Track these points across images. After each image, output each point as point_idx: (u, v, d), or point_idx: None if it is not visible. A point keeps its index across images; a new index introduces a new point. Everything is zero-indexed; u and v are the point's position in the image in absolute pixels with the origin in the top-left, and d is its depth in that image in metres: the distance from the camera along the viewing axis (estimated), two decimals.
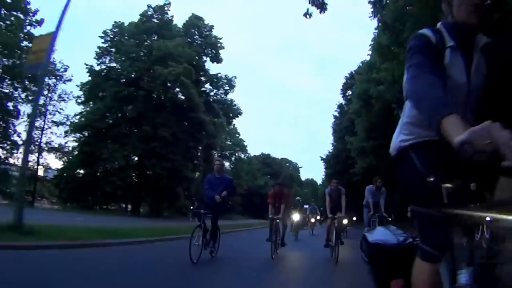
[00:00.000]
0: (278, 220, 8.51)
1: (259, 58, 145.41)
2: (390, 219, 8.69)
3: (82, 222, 11.14)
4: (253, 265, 6.77)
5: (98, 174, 27.57)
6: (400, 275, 1.93)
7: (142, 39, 30.88)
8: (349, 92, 40.23)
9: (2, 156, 27.10)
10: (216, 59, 32.67)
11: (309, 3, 11.28)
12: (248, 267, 6.50)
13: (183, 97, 27.47)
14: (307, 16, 11.58)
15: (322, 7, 11.54)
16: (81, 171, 30.00)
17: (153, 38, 30.80)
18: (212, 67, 33.98)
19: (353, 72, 38.71)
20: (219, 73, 34.30)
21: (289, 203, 10.36)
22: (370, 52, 27.04)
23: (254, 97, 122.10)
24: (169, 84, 27.27)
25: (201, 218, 6.54)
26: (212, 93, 34.29)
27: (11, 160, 27.57)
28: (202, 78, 32.87)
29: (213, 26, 33.20)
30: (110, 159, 26.82)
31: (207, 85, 34.14)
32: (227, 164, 49.60)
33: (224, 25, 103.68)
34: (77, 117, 29.39)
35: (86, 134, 28.29)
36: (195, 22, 33.07)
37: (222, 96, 34.96)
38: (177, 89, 27.72)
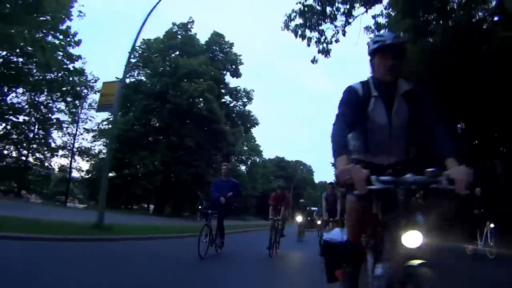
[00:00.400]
0: (279, 222, 8.96)
1: (275, 58, 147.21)
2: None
3: (125, 221, 13.44)
4: (253, 261, 7.60)
5: (129, 178, 30.47)
6: (341, 266, 2.37)
7: (167, 55, 33.82)
8: None
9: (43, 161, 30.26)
10: (236, 74, 35.43)
11: (318, 52, 13.73)
12: (248, 263, 7.31)
13: (206, 111, 30.23)
14: (314, 62, 14.00)
15: (327, 53, 13.91)
16: (111, 174, 33.07)
17: (177, 54, 33.67)
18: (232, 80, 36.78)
19: None
20: (238, 86, 37.13)
21: (288, 206, 10.60)
22: None
23: (270, 99, 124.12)
24: (194, 99, 30.06)
25: (208, 218, 7.12)
26: (231, 105, 37.01)
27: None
28: (223, 91, 35.63)
29: (233, 43, 36.06)
30: (140, 164, 29.73)
31: (227, 97, 36.91)
32: (243, 168, 52.34)
33: (238, 26, 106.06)
34: (104, 123, 32.43)
35: (117, 143, 31.27)
36: (216, 39, 35.88)
37: (241, 107, 37.67)
38: (201, 104, 30.49)
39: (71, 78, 26.35)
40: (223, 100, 35.74)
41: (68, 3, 22.57)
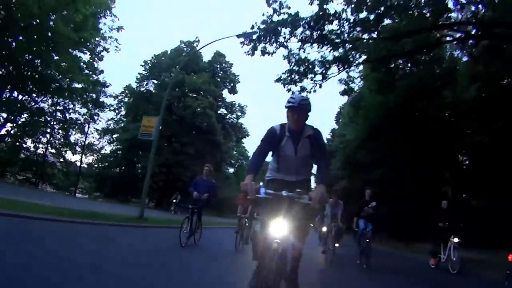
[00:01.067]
0: (246, 219, 9.16)
1: (265, 62, 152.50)
2: (344, 227, 10.20)
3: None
4: (222, 252, 8.25)
5: (139, 175, 35.46)
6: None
7: (174, 70, 38.84)
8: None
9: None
10: (233, 91, 40.76)
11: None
12: (218, 253, 8.09)
13: (206, 124, 35.46)
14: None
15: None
16: (117, 170, 38.10)
17: (183, 71, 38.73)
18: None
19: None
20: (234, 101, 42.44)
21: None
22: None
23: (258, 100, 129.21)
24: (196, 113, 35.25)
25: (190, 211, 7.83)
26: (227, 117, 42.33)
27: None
28: (220, 103, 40.87)
29: (232, 64, 41.34)
30: (146, 165, 34.66)
31: (223, 109, 42.20)
32: (231, 170, 57.47)
33: (232, 27, 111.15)
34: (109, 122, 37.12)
35: (128, 145, 36.34)
36: (218, 58, 41.10)
37: (235, 119, 43.04)
38: (202, 118, 35.73)
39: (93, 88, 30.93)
40: (219, 111, 40.94)
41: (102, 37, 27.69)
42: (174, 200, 29.23)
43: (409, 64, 18.41)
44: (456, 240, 8.61)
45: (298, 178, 3.26)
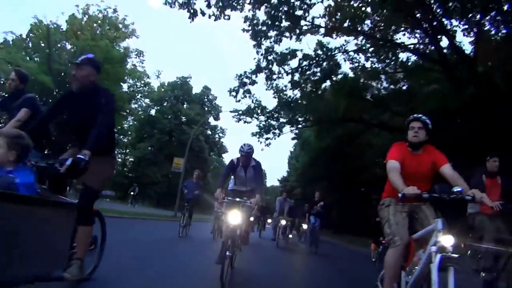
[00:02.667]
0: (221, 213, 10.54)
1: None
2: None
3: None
4: (204, 240, 10.02)
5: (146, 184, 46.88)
6: None
7: (172, 102, 50.45)
8: None
9: None
10: (217, 118, 52.88)
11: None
12: (201, 240, 9.86)
13: (198, 146, 47.39)
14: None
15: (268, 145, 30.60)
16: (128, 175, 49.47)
17: (179, 102, 50.47)
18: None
19: None
20: (217, 125, 54.81)
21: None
22: None
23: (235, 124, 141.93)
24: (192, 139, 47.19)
25: (185, 208, 9.98)
26: (211, 137, 54.44)
27: None
28: (206, 127, 52.85)
29: (216, 97, 53.58)
30: (152, 176, 46.29)
31: (208, 131, 54.25)
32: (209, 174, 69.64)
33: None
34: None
35: (139, 160, 47.68)
36: (206, 92, 53.10)
37: (217, 139, 55.32)
38: (195, 142, 47.67)
39: None
40: (204, 132, 52.90)
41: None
42: (132, 193, 30.34)
43: None
44: None
45: (246, 189, 5.51)
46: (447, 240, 2.61)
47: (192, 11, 14.61)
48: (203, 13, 14.84)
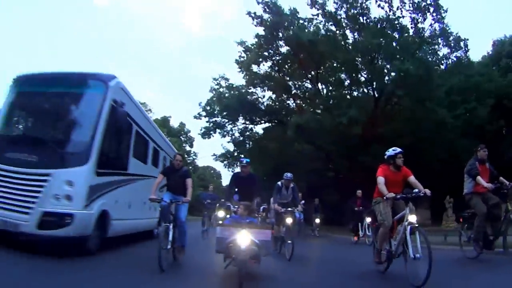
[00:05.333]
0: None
1: None
2: None
3: None
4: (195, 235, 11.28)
5: None
6: None
7: None
8: None
9: None
10: (191, 145, 71.38)
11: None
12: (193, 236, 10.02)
13: None
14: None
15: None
16: None
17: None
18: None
19: None
20: (192, 150, 73.75)
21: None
22: None
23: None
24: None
25: (204, 215, 12.66)
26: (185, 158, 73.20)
27: None
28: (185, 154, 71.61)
29: (190, 130, 72.43)
30: None
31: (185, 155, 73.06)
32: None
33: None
34: None
35: None
36: (182, 127, 71.90)
37: (191, 160, 74.20)
38: None
39: None
40: None
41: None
42: None
43: None
44: (368, 219, 10.35)
45: (287, 201, 7.96)
46: (413, 218, 4.86)
47: None
48: None
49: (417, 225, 4.86)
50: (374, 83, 23.94)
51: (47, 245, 5.80)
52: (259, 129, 31.68)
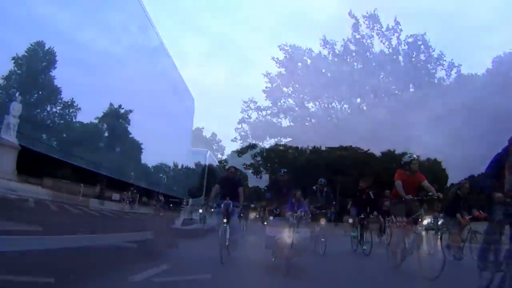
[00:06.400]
0: None
1: None
2: None
3: None
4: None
5: None
6: None
7: None
8: None
9: None
10: (222, 153, 73.25)
11: None
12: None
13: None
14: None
15: None
16: None
17: None
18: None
19: None
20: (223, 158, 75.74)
21: None
22: None
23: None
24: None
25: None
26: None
27: None
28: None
29: (221, 139, 74.46)
30: None
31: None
32: None
33: None
34: None
35: None
36: (214, 137, 73.96)
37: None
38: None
39: None
40: None
41: None
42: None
43: None
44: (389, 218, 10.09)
45: (321, 204, 9.12)
46: (427, 218, 5.83)
47: None
48: None
49: (431, 224, 5.81)
50: None
51: None
52: None
